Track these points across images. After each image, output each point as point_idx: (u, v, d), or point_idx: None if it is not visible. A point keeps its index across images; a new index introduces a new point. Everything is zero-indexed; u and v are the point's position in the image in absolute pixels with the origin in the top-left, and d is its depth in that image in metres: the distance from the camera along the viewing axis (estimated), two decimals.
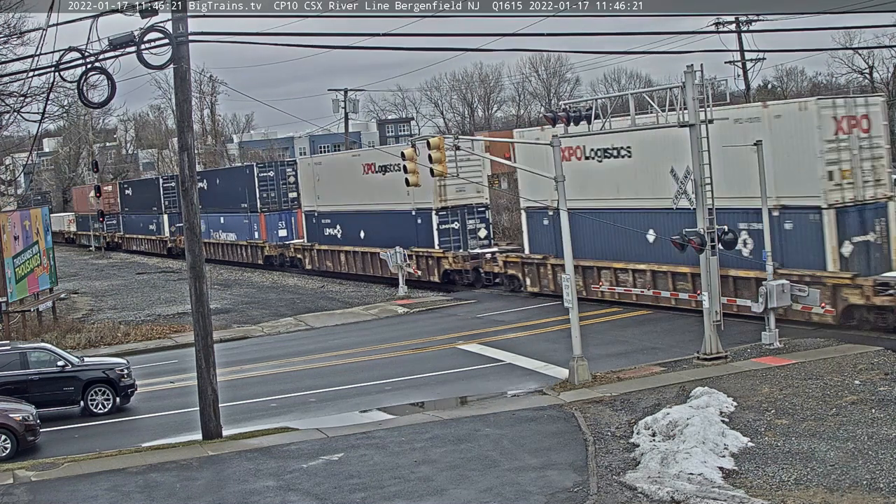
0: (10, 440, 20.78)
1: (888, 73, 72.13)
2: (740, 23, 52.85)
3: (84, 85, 20.13)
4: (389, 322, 35.51)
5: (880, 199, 26.23)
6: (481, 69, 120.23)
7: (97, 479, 18.05)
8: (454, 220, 40.99)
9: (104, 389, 24.34)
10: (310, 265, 50.85)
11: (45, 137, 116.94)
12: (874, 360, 21.76)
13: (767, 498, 14.45)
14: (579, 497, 15.15)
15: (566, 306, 23.40)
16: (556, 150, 23.63)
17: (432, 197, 40.37)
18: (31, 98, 37.21)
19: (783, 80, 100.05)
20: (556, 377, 23.79)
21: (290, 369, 28.27)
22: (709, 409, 18.45)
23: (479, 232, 41.38)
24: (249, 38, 22.17)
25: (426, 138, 25.61)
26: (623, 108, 26.43)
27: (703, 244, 23.22)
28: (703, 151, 23.36)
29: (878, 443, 16.32)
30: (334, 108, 73.06)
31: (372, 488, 16.25)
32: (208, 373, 20.94)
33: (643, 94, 27.01)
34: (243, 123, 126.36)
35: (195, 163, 21.65)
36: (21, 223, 38.57)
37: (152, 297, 48.14)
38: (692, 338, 25.43)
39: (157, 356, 32.18)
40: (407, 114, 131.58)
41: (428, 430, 19.73)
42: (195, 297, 21.09)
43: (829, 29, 64.54)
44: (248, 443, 19.91)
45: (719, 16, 52.51)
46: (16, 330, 35.91)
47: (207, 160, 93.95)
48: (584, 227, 32.00)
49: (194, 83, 79.25)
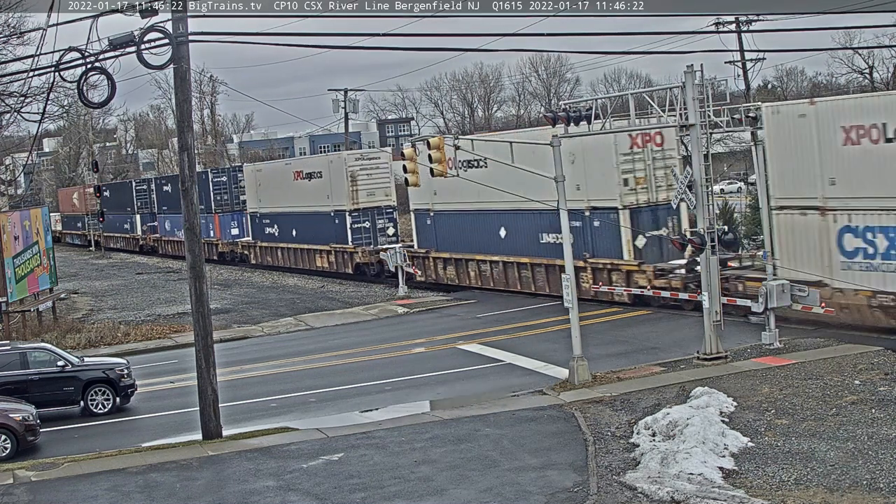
0: (10, 440, 20.78)
1: (888, 73, 72.22)
2: (740, 23, 52.84)
3: (84, 85, 20.13)
4: (389, 322, 35.51)
5: (670, 201, 29.02)
6: (481, 69, 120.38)
7: (97, 479, 18.05)
8: (365, 220, 46.89)
9: (104, 389, 24.34)
10: (254, 260, 56.67)
11: (45, 137, 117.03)
12: (874, 360, 21.75)
13: (767, 498, 14.45)
14: (579, 497, 15.15)
15: (566, 306, 23.41)
16: (557, 150, 23.66)
17: (346, 200, 46.72)
18: (31, 98, 37.25)
19: (783, 80, 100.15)
20: (556, 377, 23.79)
21: (290, 369, 28.28)
22: (709, 409, 18.46)
23: (387, 230, 46.97)
24: (249, 38, 22.22)
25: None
26: (623, 108, 26.47)
27: (703, 244, 23.27)
28: (702, 152, 23.39)
29: (878, 443, 16.31)
30: (334, 108, 73.15)
31: (372, 488, 16.25)
32: (208, 373, 20.94)
33: (643, 94, 27.04)
34: (243, 123, 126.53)
35: (195, 163, 21.66)
36: (21, 223, 38.57)
37: (152, 297, 48.14)
38: (692, 338, 25.44)
39: (157, 356, 32.19)
40: (407, 114, 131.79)
41: (428, 430, 19.73)
42: (195, 297, 21.09)
43: (829, 29, 64.41)
44: (248, 443, 19.91)
45: (719, 16, 52.52)
46: (16, 330, 35.91)
47: (207, 160, 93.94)
48: (457, 227, 39.20)
49: (194, 83, 79.31)
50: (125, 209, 78.45)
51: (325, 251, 49.04)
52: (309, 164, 52.36)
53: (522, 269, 36.28)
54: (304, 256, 51.30)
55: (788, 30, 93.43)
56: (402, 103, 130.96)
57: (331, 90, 77.79)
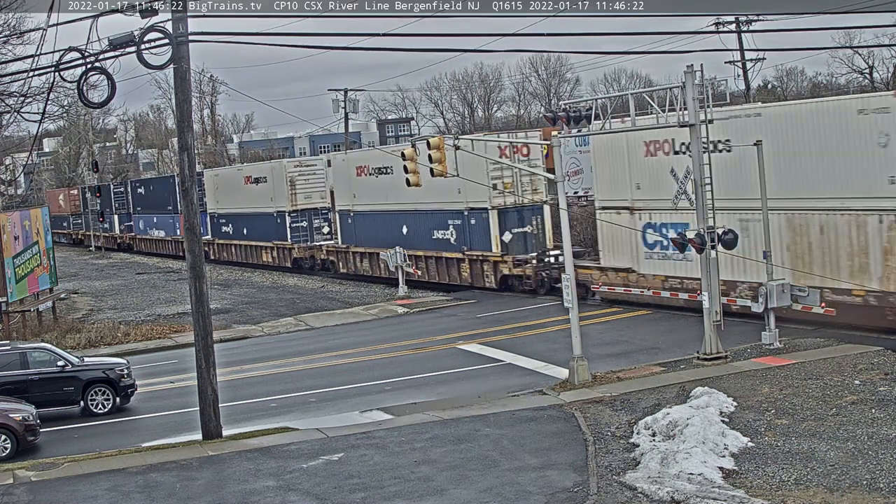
0: (10, 440, 20.79)
1: (888, 73, 72.24)
2: (740, 23, 52.88)
3: (84, 85, 20.12)
4: (389, 322, 35.52)
5: (537, 202, 37.74)
6: (481, 69, 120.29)
7: (97, 479, 18.06)
8: (303, 220, 52.45)
9: (104, 389, 24.34)
10: (213, 256, 60.44)
11: (45, 137, 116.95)
12: (874, 360, 21.75)
13: (767, 498, 14.45)
14: (579, 497, 15.15)
15: (566, 306, 23.40)
16: (557, 149, 23.67)
17: (287, 202, 52.42)
18: (31, 98, 37.25)
19: (783, 80, 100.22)
20: (556, 377, 23.78)
21: (290, 369, 28.28)
22: (709, 409, 18.45)
23: (322, 229, 52.16)
24: (249, 38, 22.24)
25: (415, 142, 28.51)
26: (623, 107, 26.50)
27: (703, 244, 23.26)
28: (702, 152, 23.39)
29: (878, 443, 16.31)
30: (334, 108, 73.18)
31: (372, 488, 16.25)
32: (208, 373, 20.94)
33: (643, 94, 27.05)
34: (243, 123, 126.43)
35: (195, 163, 21.65)
36: (21, 223, 38.57)
37: (152, 297, 48.16)
38: (692, 338, 25.43)
39: (157, 356, 32.19)
40: (407, 114, 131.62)
41: (428, 430, 19.73)
42: (195, 297, 21.08)
43: (829, 29, 64.59)
44: (248, 443, 19.91)
45: (719, 16, 52.57)
46: (16, 330, 35.91)
47: (207, 160, 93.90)
48: (371, 225, 44.89)
49: (194, 83, 79.35)
50: (105, 210, 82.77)
51: (269, 247, 55.06)
52: (256, 170, 58.18)
53: (419, 260, 41.51)
54: (252, 252, 57.39)
55: (788, 30, 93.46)
56: (402, 103, 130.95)
57: (331, 90, 77.91)
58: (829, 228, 25.03)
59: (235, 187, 58.25)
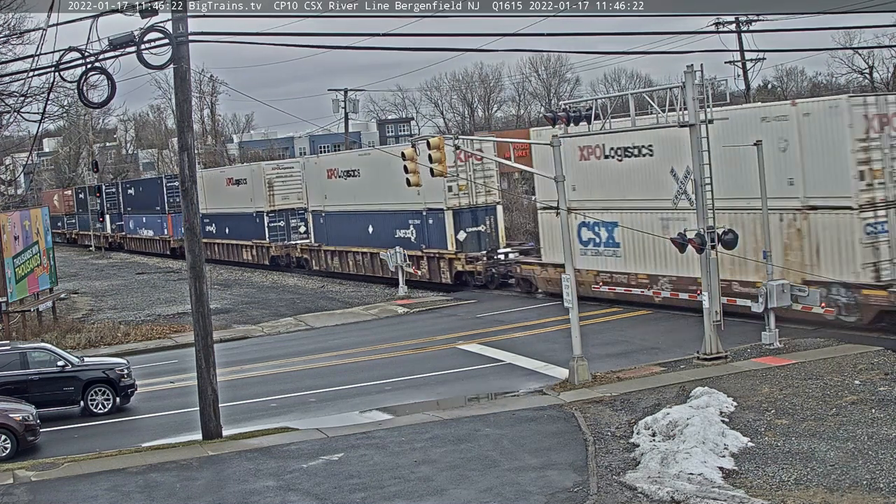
0: (10, 440, 20.79)
1: (888, 73, 72.20)
2: (740, 23, 52.83)
3: (84, 85, 20.12)
4: (389, 322, 35.52)
5: (490, 204, 40.58)
6: (481, 69, 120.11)
7: (97, 479, 18.06)
8: (280, 220, 54.98)
9: (104, 389, 24.34)
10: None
11: (45, 137, 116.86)
12: (874, 360, 21.76)
13: (767, 498, 14.45)
14: (579, 497, 15.15)
15: (566, 306, 23.40)
16: (557, 150, 23.66)
17: (265, 203, 54.91)
18: (31, 98, 37.18)
19: (783, 80, 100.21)
20: (556, 377, 23.79)
21: (290, 369, 28.28)
22: (709, 409, 18.45)
23: (299, 228, 54.20)
24: (249, 38, 22.21)
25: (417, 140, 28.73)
26: (623, 108, 26.51)
27: (703, 244, 23.26)
28: (702, 151, 23.39)
29: (878, 443, 16.32)
30: (334, 108, 73.08)
31: (372, 488, 16.25)
32: (208, 373, 20.93)
33: (643, 94, 27.06)
34: (243, 123, 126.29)
35: (195, 163, 21.64)
36: (21, 223, 38.57)
37: (152, 297, 48.16)
38: (692, 338, 25.43)
39: (157, 356, 32.19)
40: (407, 114, 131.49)
41: (428, 430, 19.73)
42: (195, 297, 21.08)
43: (829, 29, 64.53)
44: (248, 443, 19.91)
45: (719, 16, 52.52)
46: (16, 330, 35.91)
47: (207, 160, 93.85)
48: (341, 225, 47.22)
49: (194, 83, 79.39)
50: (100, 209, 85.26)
51: (249, 246, 57.60)
52: (237, 172, 61.17)
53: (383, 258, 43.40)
54: (233, 250, 60.19)
55: (788, 30, 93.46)
56: (402, 103, 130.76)
57: (331, 90, 77.82)
58: (737, 226, 26.17)
59: (218, 188, 60.54)
